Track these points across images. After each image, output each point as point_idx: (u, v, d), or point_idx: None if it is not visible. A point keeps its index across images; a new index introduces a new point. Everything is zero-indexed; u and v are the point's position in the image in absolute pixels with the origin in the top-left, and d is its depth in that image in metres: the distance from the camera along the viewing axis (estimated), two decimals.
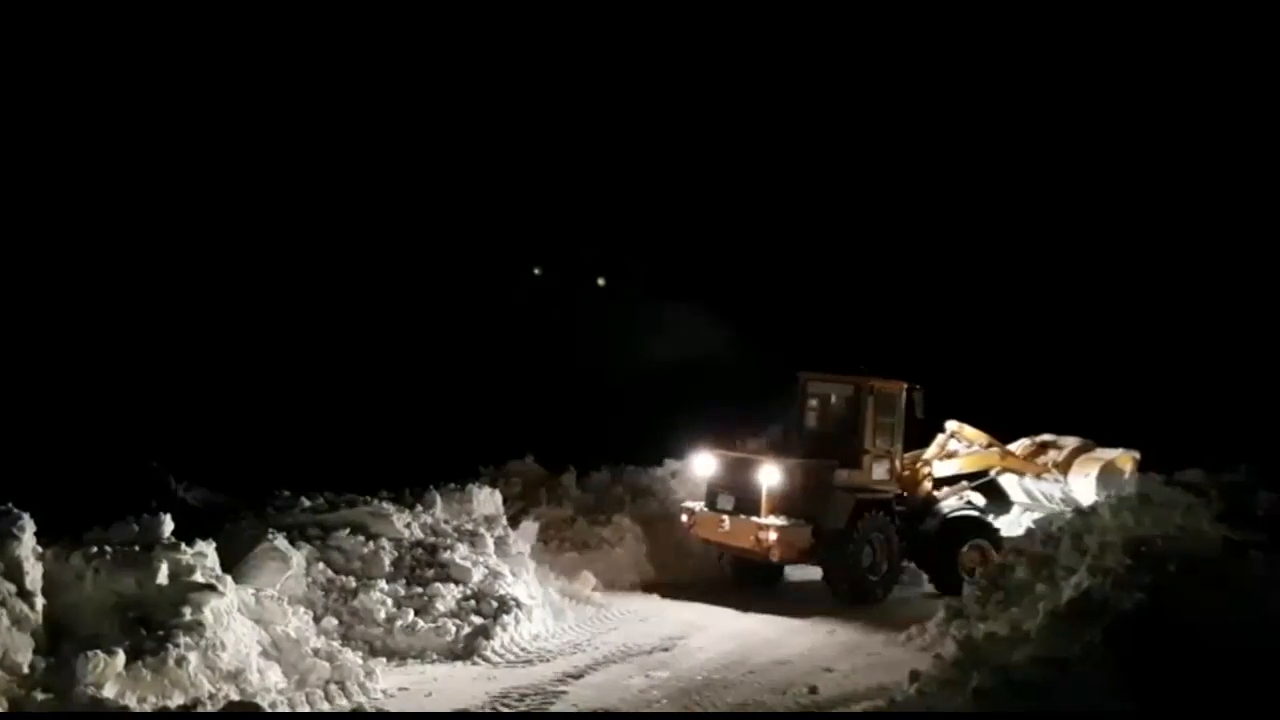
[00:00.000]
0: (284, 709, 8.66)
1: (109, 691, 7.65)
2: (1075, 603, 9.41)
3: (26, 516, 8.45)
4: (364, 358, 26.38)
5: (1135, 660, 6.24)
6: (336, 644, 10.45)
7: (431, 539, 12.86)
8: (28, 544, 8.30)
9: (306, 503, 13.00)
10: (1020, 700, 5.96)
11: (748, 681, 10.73)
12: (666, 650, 11.89)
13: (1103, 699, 5.81)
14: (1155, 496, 13.07)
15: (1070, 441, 16.76)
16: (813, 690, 10.35)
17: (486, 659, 11.14)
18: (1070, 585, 11.77)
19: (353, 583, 11.75)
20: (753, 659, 11.64)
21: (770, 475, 14.64)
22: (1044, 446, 16.83)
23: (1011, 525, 16.27)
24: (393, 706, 9.31)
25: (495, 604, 12.01)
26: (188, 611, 8.82)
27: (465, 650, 11.23)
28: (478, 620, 11.66)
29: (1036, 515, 16.17)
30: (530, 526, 15.24)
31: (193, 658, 8.47)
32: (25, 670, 7.58)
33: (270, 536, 11.61)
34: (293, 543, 11.76)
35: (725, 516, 14.90)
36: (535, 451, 18.03)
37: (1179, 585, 8.25)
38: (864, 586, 14.89)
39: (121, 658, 7.95)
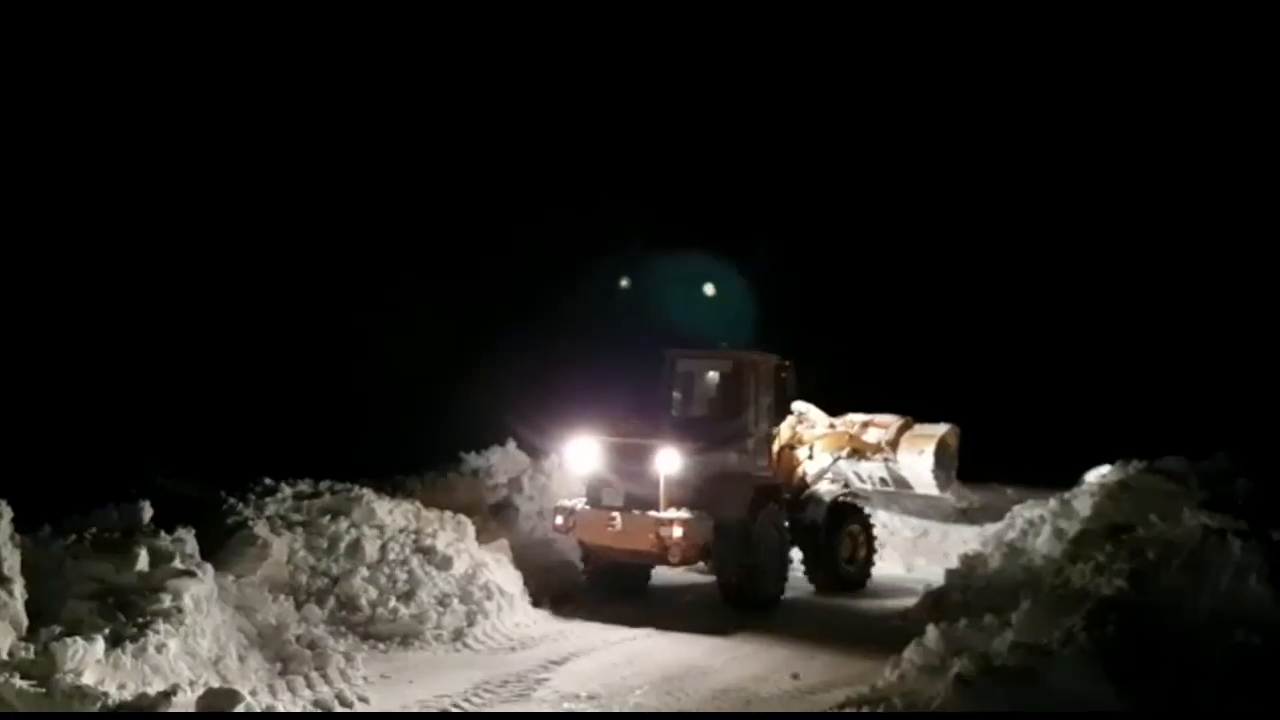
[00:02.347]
0: (264, 696, 8.63)
1: (88, 678, 7.60)
2: (1055, 589, 9.48)
3: (4, 503, 8.39)
4: (350, 347, 26.29)
5: (1116, 646, 6.27)
6: (318, 631, 10.43)
7: (414, 526, 12.83)
8: (5, 530, 8.24)
9: (288, 490, 12.96)
10: (1002, 686, 5.99)
11: (729, 668, 10.74)
12: (649, 637, 11.90)
13: (1084, 684, 5.85)
14: (1135, 484, 13.19)
15: (890, 419, 16.09)
16: (795, 676, 10.37)
17: (469, 646, 11.16)
18: (1050, 572, 11.86)
19: (335, 570, 11.73)
20: (735, 646, 11.66)
21: (670, 462, 12.93)
22: (864, 426, 16.07)
23: None
24: (374, 694, 9.28)
25: (478, 591, 12.00)
26: (167, 598, 8.78)
27: (448, 637, 11.23)
28: (460, 607, 11.66)
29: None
30: (512, 513, 15.24)
31: (173, 645, 8.43)
32: (5, 656, 7.53)
33: (251, 523, 11.59)
34: (275, 530, 11.73)
35: (615, 514, 13.04)
36: (517, 438, 18.01)
37: (1159, 572, 8.30)
38: (764, 586, 13.45)
39: (101, 644, 7.90)
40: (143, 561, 9.04)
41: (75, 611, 8.37)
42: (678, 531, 12.62)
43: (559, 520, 13.54)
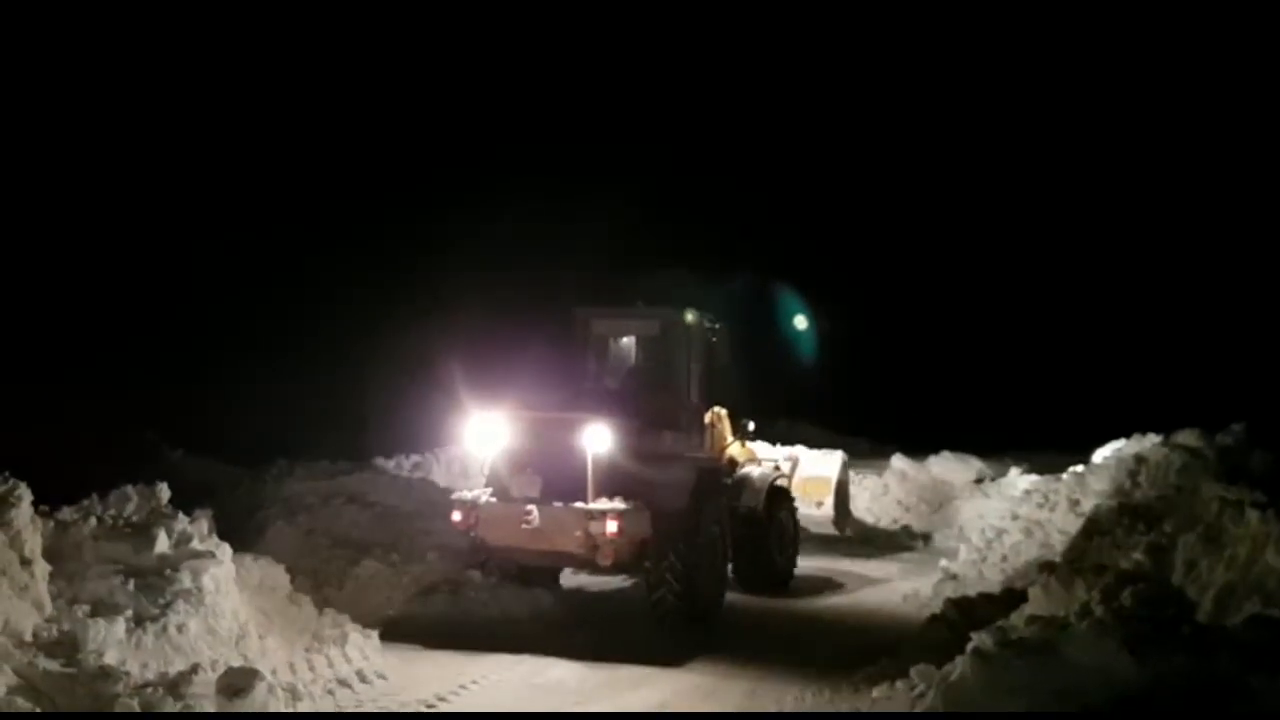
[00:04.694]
0: (285, 675, 8.69)
1: (111, 658, 7.67)
2: (1073, 564, 9.49)
3: (24, 485, 8.45)
4: (368, 330, 26.37)
5: (1133, 618, 6.27)
6: (336, 610, 10.47)
7: (428, 507, 12.88)
8: (26, 512, 8.30)
9: (305, 471, 13.03)
10: (1020, 659, 5.99)
11: (744, 647, 10.75)
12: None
13: (1101, 656, 5.85)
14: (1151, 457, 13.18)
15: (776, 458, 14.47)
16: (810, 654, 10.37)
17: (489, 623, 11.10)
18: (1067, 546, 11.89)
19: (351, 551, 11.77)
20: (749, 625, 11.66)
21: (600, 440, 10.63)
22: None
23: None
24: (393, 673, 9.30)
25: (496, 568, 12.00)
26: (187, 579, 8.84)
27: (467, 614, 11.24)
28: (478, 585, 11.69)
29: None
30: None
31: (193, 624, 8.50)
32: (29, 638, 7.60)
33: (269, 504, 11.66)
34: (291, 511, 11.79)
35: (530, 507, 10.69)
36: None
37: (1175, 545, 8.30)
38: (709, 595, 11.33)
39: (123, 625, 7.98)
40: (162, 543, 9.10)
41: (96, 592, 8.43)
42: (612, 526, 10.39)
43: (457, 517, 11.12)
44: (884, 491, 18.66)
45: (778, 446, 15.31)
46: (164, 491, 9.92)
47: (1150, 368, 25.81)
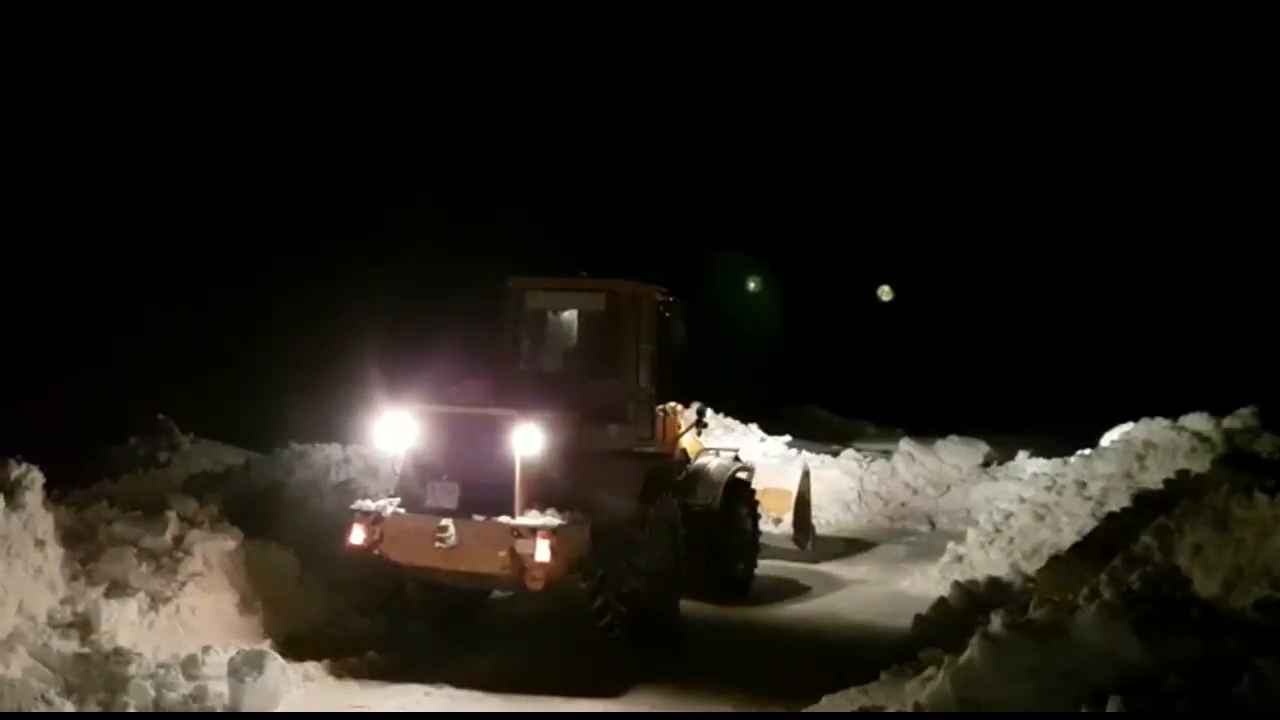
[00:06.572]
0: (295, 657, 8.73)
1: (124, 639, 7.74)
2: (1080, 547, 9.52)
3: (37, 469, 8.51)
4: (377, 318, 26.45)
5: (1141, 601, 6.29)
6: (344, 594, 10.48)
7: None
8: (39, 495, 8.37)
9: (317, 454, 13.03)
10: (1028, 641, 6.01)
11: (754, 627, 10.79)
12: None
13: (1109, 638, 5.87)
14: (1159, 441, 13.19)
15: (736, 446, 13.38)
16: (819, 637, 10.41)
17: (509, 611, 11.06)
18: (1074, 529, 11.91)
19: None
20: (759, 609, 11.71)
21: (529, 439, 8.96)
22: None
23: None
24: (404, 659, 9.31)
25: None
26: (199, 561, 8.91)
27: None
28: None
29: None
30: None
31: (204, 606, 8.59)
32: (43, 619, 7.67)
33: (279, 488, 11.68)
34: (302, 494, 11.80)
35: (446, 521, 8.88)
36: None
37: (1183, 528, 8.31)
38: (659, 610, 9.82)
39: (135, 606, 8.05)
40: (174, 525, 9.16)
41: (110, 574, 8.50)
42: (544, 549, 8.61)
43: (358, 534, 9.23)
44: (891, 474, 18.66)
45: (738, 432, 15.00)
46: (176, 474, 9.99)
47: (1158, 351, 25.78)
